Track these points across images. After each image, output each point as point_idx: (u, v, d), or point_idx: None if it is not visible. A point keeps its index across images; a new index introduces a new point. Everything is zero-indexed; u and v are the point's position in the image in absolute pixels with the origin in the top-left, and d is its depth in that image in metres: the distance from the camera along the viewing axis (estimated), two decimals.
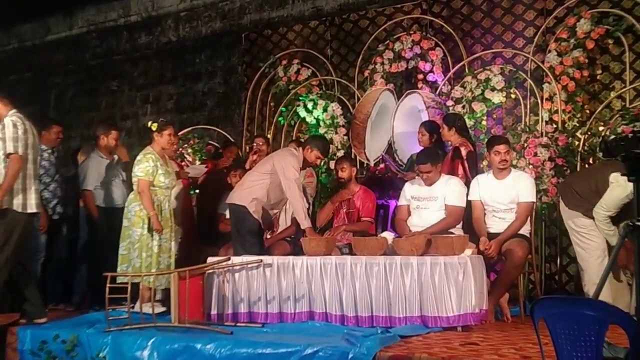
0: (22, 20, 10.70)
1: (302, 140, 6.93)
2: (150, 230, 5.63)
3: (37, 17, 10.54)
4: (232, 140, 8.05)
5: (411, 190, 5.60)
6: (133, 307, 5.12)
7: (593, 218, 5.03)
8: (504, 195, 5.31)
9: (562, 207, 5.34)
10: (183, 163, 7.19)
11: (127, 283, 5.04)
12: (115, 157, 6.57)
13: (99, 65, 9.98)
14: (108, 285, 4.85)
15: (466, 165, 5.69)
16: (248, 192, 5.69)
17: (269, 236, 6.26)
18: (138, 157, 5.79)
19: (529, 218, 5.37)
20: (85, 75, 10.11)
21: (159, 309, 5.48)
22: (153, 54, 9.48)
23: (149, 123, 5.98)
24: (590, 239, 5.10)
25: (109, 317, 4.86)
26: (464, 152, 5.72)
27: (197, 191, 7.14)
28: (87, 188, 6.43)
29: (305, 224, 5.50)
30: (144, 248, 5.61)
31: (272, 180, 5.68)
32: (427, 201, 5.46)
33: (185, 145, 7.83)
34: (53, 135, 6.62)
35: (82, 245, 6.66)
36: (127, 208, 5.75)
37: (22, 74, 10.72)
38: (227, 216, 6.10)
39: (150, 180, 5.67)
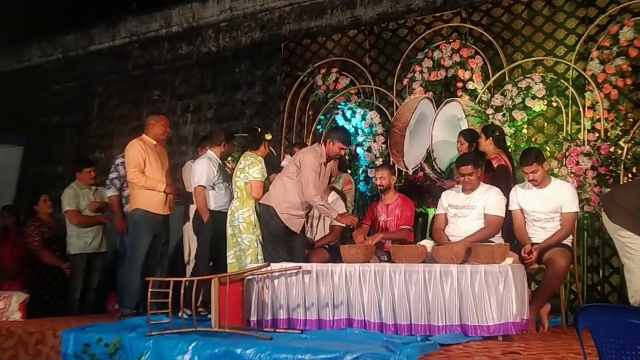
0: (66, 31, 11.01)
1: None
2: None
3: (80, 28, 10.84)
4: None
5: (448, 199, 5.57)
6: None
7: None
8: (544, 204, 5.23)
9: (604, 219, 5.23)
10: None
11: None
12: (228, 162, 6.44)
13: (141, 75, 10.15)
14: (150, 289, 4.91)
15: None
16: (276, 193, 5.65)
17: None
18: (248, 162, 5.80)
19: None
20: (127, 85, 10.29)
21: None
22: (193, 63, 9.62)
23: (265, 133, 5.99)
24: (637, 249, 4.95)
25: (150, 322, 4.92)
26: (495, 164, 5.70)
27: None
28: (201, 184, 6.08)
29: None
30: (260, 254, 5.67)
31: (299, 180, 5.60)
32: (465, 209, 5.41)
33: None
34: None
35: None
36: (234, 215, 5.75)
37: (65, 83, 10.99)
38: None
39: (263, 182, 5.73)
